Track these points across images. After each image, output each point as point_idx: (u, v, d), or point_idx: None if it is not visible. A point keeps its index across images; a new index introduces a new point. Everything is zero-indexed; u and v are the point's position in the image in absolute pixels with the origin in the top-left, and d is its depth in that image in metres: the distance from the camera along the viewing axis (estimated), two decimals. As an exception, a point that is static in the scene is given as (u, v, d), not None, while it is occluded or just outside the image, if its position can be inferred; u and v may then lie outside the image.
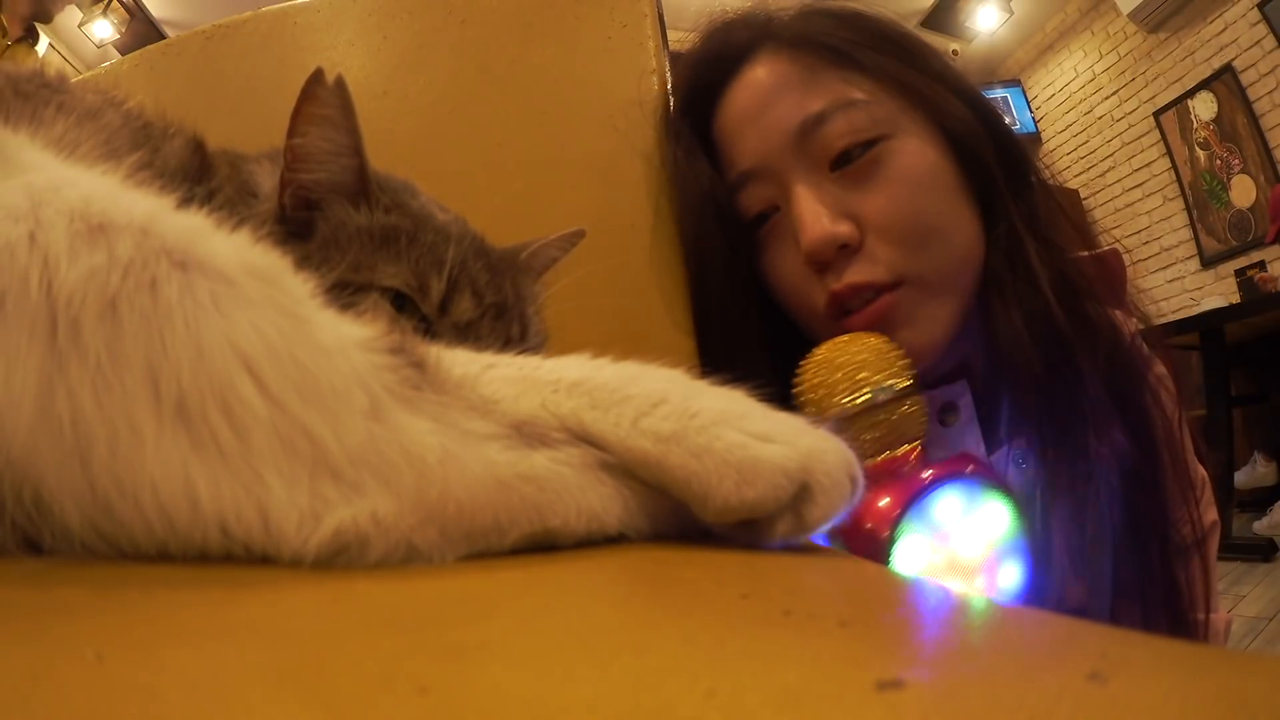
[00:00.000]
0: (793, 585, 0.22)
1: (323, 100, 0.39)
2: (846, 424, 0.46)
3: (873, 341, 0.48)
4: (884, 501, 0.44)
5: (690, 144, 0.66)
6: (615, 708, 0.12)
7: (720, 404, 0.25)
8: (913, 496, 0.44)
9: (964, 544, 0.45)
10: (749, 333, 0.64)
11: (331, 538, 0.20)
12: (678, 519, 0.25)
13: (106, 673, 0.13)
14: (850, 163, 0.59)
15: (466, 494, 0.21)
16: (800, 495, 0.24)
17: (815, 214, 0.58)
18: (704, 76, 0.66)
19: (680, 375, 0.27)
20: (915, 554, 0.44)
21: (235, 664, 0.14)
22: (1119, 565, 0.55)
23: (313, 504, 0.20)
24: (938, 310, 0.59)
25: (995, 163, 0.60)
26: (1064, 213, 0.65)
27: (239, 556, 0.20)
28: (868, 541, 0.43)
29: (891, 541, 0.43)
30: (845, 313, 0.59)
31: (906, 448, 0.46)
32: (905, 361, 0.47)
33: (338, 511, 0.20)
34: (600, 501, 0.24)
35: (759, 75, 0.63)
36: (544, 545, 0.23)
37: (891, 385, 0.46)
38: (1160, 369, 0.61)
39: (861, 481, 0.27)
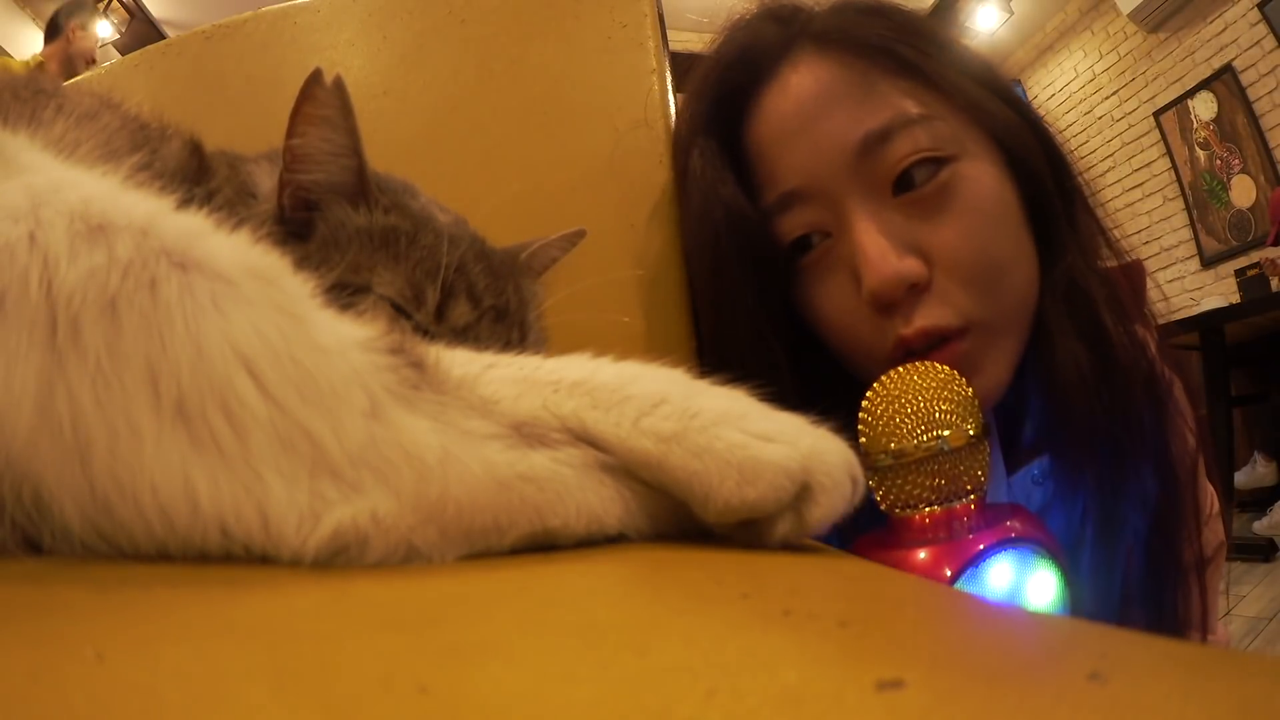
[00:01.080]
0: (793, 585, 0.22)
1: (321, 101, 0.39)
2: (906, 468, 0.41)
3: (944, 376, 0.42)
4: (923, 555, 0.40)
5: (715, 158, 0.58)
6: (615, 708, 0.12)
7: (721, 404, 0.25)
8: (966, 563, 0.40)
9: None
10: (773, 364, 0.56)
11: (331, 537, 0.20)
12: (678, 519, 0.25)
13: (106, 672, 0.13)
14: (915, 187, 0.52)
15: (466, 494, 0.21)
16: (801, 495, 0.24)
17: (881, 250, 0.51)
18: (731, 79, 0.58)
19: (681, 375, 0.27)
20: None
21: (235, 664, 0.14)
22: (1126, 593, 0.52)
23: (312, 504, 0.20)
24: (1003, 353, 0.54)
25: (1053, 188, 0.55)
26: (1099, 226, 0.59)
27: (239, 556, 0.20)
28: None
29: None
30: (909, 355, 0.53)
31: (961, 503, 0.41)
32: (976, 405, 0.42)
33: (337, 511, 0.20)
34: (600, 502, 0.24)
35: (803, 81, 0.55)
36: (544, 545, 0.23)
37: (966, 430, 0.41)
38: (1178, 389, 0.57)
39: (863, 481, 0.26)
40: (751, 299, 0.56)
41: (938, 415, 0.41)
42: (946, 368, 0.43)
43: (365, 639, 0.15)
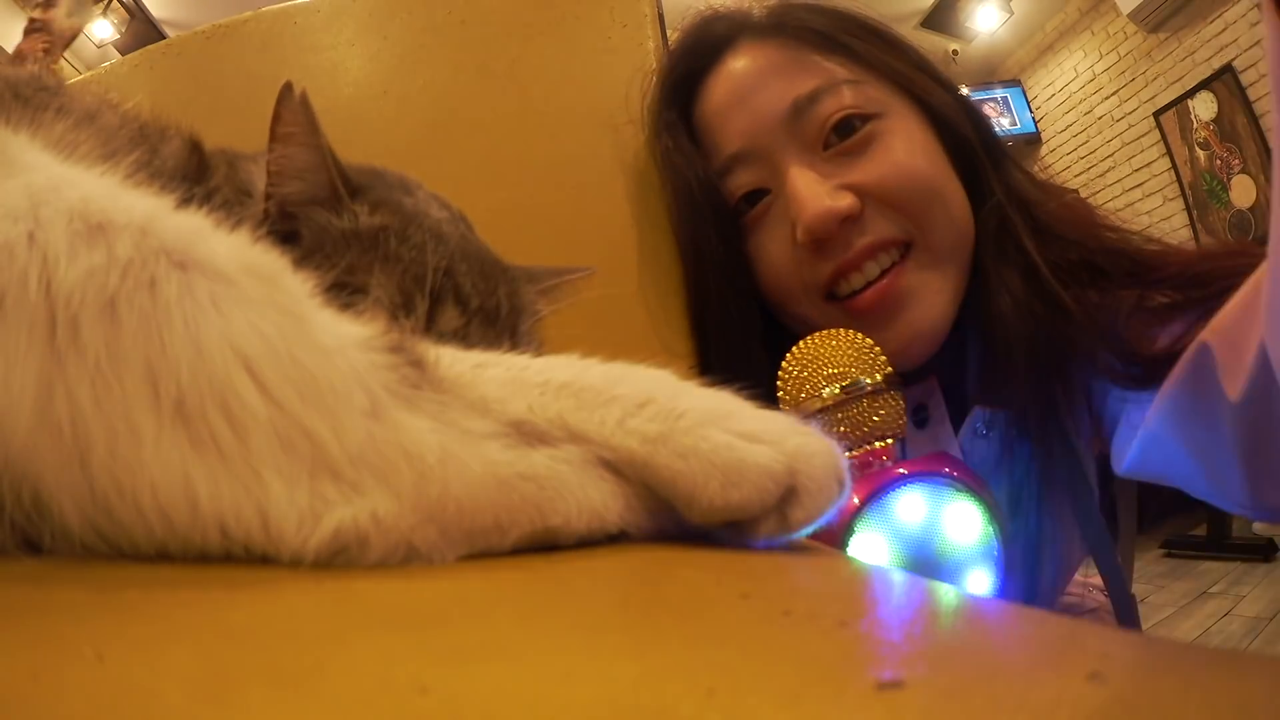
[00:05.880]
0: (792, 585, 0.22)
1: (286, 120, 0.39)
2: (816, 418, 0.46)
3: (849, 337, 0.48)
4: (852, 499, 0.44)
5: (678, 133, 0.66)
6: (615, 708, 0.12)
7: (707, 404, 0.25)
8: (873, 493, 0.43)
9: (925, 545, 0.44)
10: (748, 328, 0.64)
11: (331, 537, 0.20)
12: (677, 515, 0.25)
13: (106, 673, 0.13)
14: (845, 138, 0.58)
15: (466, 493, 0.21)
16: (786, 497, 0.24)
17: (813, 190, 0.57)
18: (683, 68, 0.66)
19: (668, 375, 0.26)
20: (870, 551, 0.43)
21: (235, 664, 0.14)
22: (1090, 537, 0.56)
23: (312, 504, 0.20)
24: (942, 282, 0.59)
25: (978, 143, 0.61)
26: (1029, 178, 0.65)
27: (239, 556, 0.20)
28: (826, 538, 0.43)
29: (846, 536, 0.42)
30: (851, 294, 0.59)
31: (879, 444, 0.46)
32: (882, 359, 0.47)
33: (337, 511, 0.20)
34: (601, 498, 0.24)
35: (740, 63, 0.63)
36: (545, 544, 0.23)
37: (862, 381, 0.46)
38: None
39: (849, 483, 0.26)
40: (725, 255, 0.64)
41: (834, 370, 0.47)
42: (852, 332, 0.48)
43: (365, 639, 0.15)
